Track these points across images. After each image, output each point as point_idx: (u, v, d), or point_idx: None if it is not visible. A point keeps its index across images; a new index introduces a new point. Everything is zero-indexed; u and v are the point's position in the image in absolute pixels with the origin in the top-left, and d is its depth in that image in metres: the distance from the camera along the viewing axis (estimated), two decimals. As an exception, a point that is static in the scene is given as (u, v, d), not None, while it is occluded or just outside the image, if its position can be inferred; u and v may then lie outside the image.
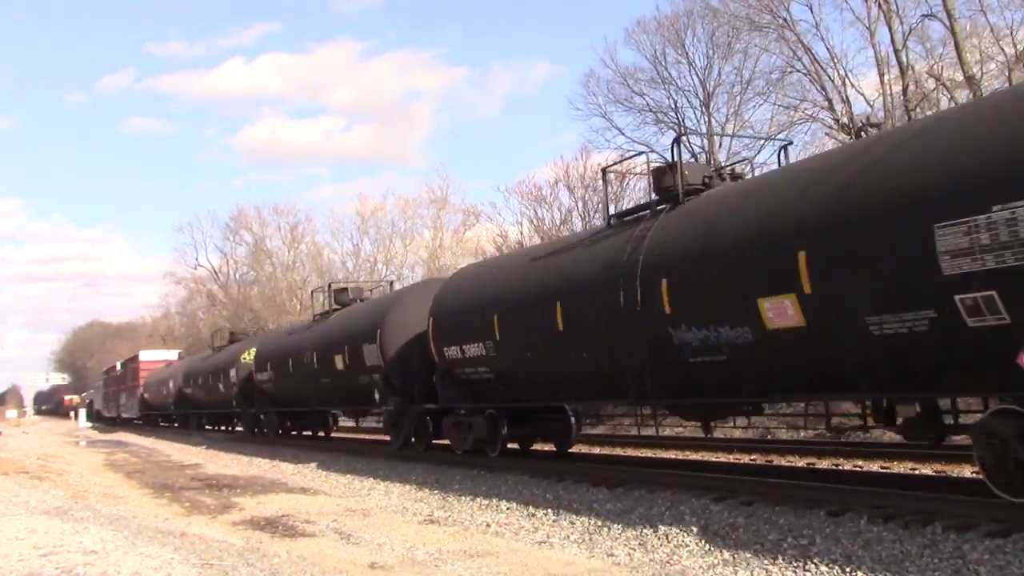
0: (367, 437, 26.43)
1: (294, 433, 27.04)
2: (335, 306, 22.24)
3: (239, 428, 32.65)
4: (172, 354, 50.50)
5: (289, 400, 24.52)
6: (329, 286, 24.00)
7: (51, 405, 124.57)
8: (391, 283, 30.53)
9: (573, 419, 15.18)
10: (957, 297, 6.96)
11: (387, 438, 19.11)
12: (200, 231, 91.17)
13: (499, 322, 13.17)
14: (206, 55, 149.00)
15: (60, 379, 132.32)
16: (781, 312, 8.44)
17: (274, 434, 26.67)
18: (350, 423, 27.38)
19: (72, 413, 75.89)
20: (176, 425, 42.69)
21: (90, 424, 63.51)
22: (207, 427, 37.53)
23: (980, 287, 6.81)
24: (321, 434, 27.10)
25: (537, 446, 16.44)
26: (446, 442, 16.08)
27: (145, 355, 51.21)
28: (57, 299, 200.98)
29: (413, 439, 17.48)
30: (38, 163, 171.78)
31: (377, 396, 18.41)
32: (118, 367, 58.09)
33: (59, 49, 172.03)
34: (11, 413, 75.06)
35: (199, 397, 34.51)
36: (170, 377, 40.30)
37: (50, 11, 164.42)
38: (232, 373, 28.42)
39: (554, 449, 15.99)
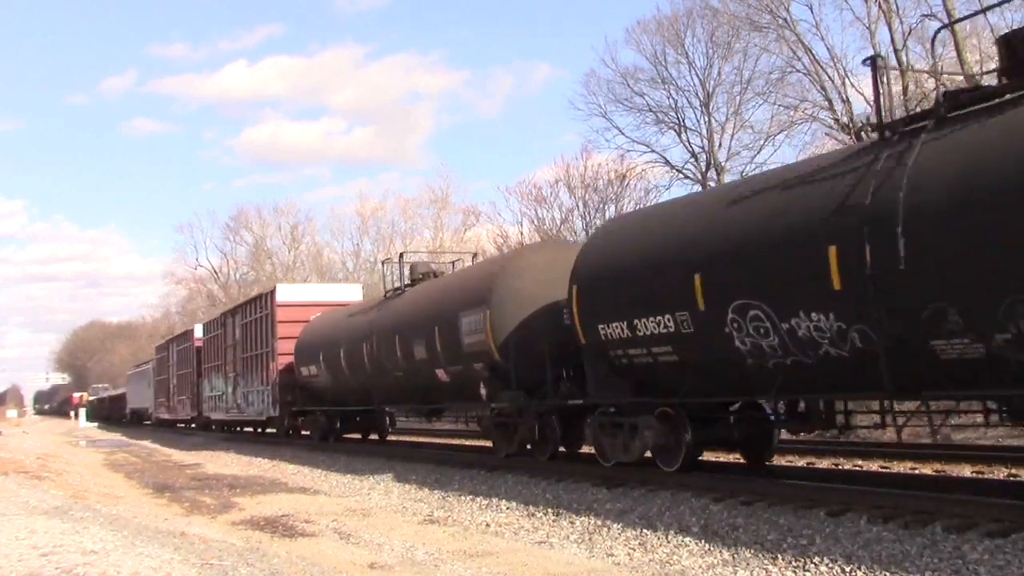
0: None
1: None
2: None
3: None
4: (348, 289, 26.46)
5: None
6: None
7: (54, 404, 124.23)
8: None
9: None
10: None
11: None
12: (200, 231, 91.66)
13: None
14: (208, 57, 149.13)
15: (60, 379, 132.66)
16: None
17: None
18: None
19: (72, 413, 75.82)
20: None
21: (94, 424, 63.36)
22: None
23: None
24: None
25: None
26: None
27: (288, 291, 24.71)
28: (57, 299, 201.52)
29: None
30: (40, 164, 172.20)
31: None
32: (197, 332, 33.27)
33: (61, 51, 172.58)
34: (11, 413, 75.20)
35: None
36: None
37: (52, 13, 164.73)
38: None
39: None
